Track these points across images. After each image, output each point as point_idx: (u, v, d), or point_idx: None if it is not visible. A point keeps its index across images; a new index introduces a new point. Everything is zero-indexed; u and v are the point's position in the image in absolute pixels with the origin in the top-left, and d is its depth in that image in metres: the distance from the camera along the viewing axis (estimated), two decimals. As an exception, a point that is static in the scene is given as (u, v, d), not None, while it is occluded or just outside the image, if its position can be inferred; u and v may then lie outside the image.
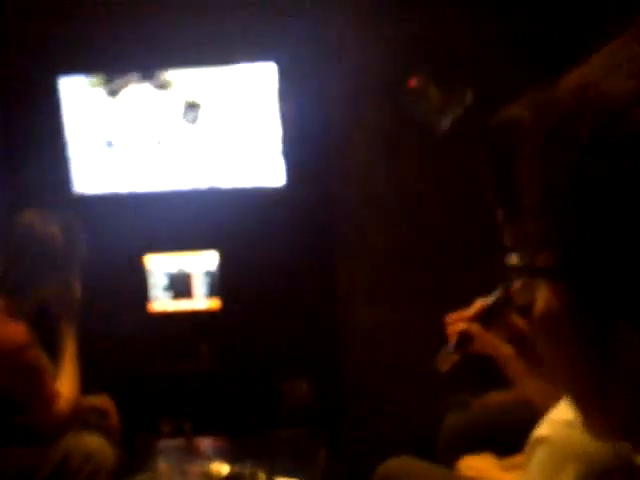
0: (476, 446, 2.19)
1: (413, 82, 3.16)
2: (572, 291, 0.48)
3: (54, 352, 2.62)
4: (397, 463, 2.19)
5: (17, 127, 3.29)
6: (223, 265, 3.30)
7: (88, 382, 2.67)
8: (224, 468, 2.25)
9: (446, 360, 1.69)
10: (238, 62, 3.17)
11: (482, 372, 2.58)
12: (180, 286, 3.32)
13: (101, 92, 3.25)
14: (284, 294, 3.33)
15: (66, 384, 2.57)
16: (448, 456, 2.37)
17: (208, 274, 3.31)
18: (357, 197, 3.32)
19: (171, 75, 3.21)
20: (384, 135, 3.26)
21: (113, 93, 3.24)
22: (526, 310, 0.55)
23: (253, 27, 3.13)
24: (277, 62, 3.13)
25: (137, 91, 3.24)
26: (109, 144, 3.30)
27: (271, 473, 2.23)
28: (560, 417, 0.82)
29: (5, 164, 3.35)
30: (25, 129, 3.29)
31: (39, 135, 3.28)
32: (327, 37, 3.18)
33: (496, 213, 1.66)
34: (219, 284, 3.31)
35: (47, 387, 2.49)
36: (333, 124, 3.26)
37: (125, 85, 3.23)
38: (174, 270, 3.32)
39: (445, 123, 3.19)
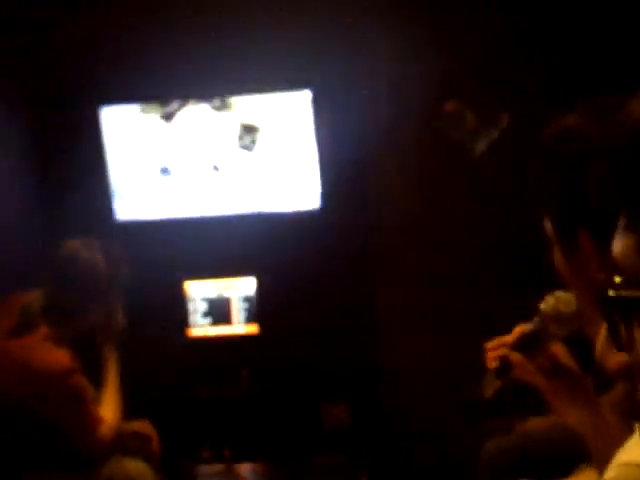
0: (518, 473, 2.16)
1: (449, 106, 3.17)
2: None
3: (97, 378, 2.65)
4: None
5: (61, 157, 3.36)
6: (261, 290, 3.32)
7: (129, 408, 2.70)
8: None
9: (489, 386, 1.69)
10: (275, 90, 3.21)
11: (524, 397, 2.57)
12: (219, 312, 3.35)
13: (149, 118, 3.31)
14: (322, 318, 3.34)
15: (108, 410, 2.59)
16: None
17: (246, 299, 3.34)
18: (393, 221, 3.33)
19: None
20: (419, 159, 3.28)
21: (168, 117, 3.30)
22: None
23: (289, 56, 3.17)
24: (312, 89, 3.17)
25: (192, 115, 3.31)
26: (161, 170, 3.36)
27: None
28: (626, 460, 0.80)
29: (49, 193, 3.41)
30: (69, 158, 3.35)
31: (82, 164, 3.34)
32: (363, 63, 3.20)
33: (544, 228, 1.62)
34: (257, 309, 3.33)
35: (90, 413, 2.51)
36: (368, 148, 3.28)
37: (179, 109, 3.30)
38: (213, 296, 3.35)
39: (481, 146, 3.19)
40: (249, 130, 3.25)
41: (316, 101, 3.17)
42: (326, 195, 3.26)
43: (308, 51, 3.18)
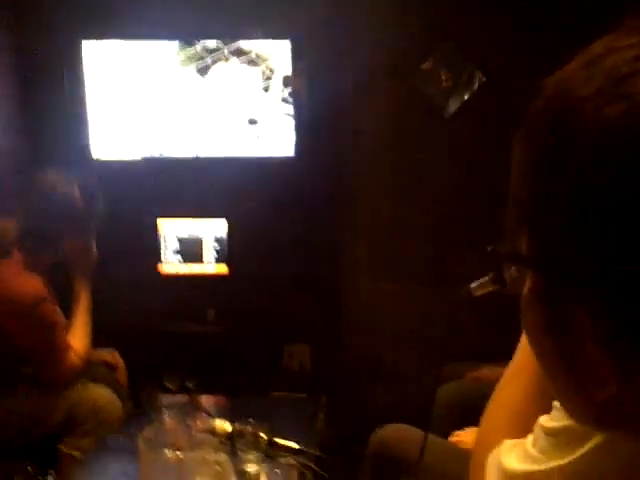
0: (468, 419, 2.25)
1: (426, 64, 3.22)
2: (542, 279, 0.49)
3: (68, 306, 2.71)
4: (392, 430, 2.29)
5: (42, 91, 3.35)
6: (232, 232, 3.39)
7: (99, 337, 2.77)
8: (227, 425, 2.34)
9: (481, 287, 1.71)
10: (254, 38, 3.23)
11: (479, 344, 2.69)
12: (190, 251, 3.41)
13: (121, 56, 3.32)
14: (289, 263, 3.42)
15: (78, 338, 2.66)
16: (442, 427, 2.47)
17: (217, 240, 3.40)
18: (364, 172, 3.39)
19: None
20: (393, 113, 3.33)
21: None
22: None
23: (270, 6, 3.19)
24: (291, 40, 3.19)
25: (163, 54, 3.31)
26: (126, 109, 3.37)
27: (271, 433, 2.31)
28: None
29: (29, 126, 3.41)
30: (50, 92, 3.35)
31: (62, 100, 3.34)
32: (341, 18, 3.23)
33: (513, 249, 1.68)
34: (227, 250, 3.40)
35: (60, 340, 2.58)
36: (343, 100, 3.33)
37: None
38: (185, 235, 3.41)
39: (454, 104, 3.26)
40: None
41: (295, 52, 3.20)
42: (300, 144, 3.30)
43: (290, 2, 3.20)
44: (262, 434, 2.28)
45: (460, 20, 3.20)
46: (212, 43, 3.27)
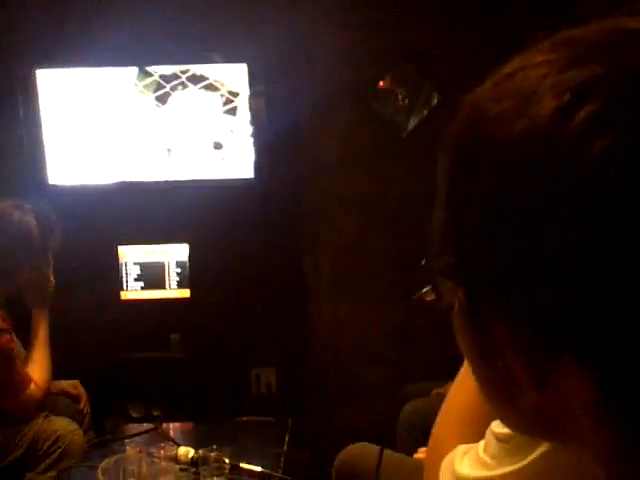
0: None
1: (382, 83, 3.25)
2: (464, 292, 0.50)
3: (27, 338, 2.68)
4: (355, 448, 2.28)
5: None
6: (193, 256, 3.38)
7: (59, 368, 2.74)
8: (190, 452, 2.32)
9: (429, 295, 1.73)
10: (212, 62, 3.25)
11: (441, 362, 2.70)
12: (151, 276, 3.39)
13: (77, 84, 3.31)
14: (253, 286, 3.42)
15: (38, 369, 2.62)
16: (406, 445, 2.46)
17: (179, 265, 3.39)
18: (324, 193, 3.40)
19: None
20: (352, 133, 3.35)
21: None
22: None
23: (227, 30, 3.21)
24: (248, 63, 3.21)
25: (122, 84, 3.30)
26: (84, 136, 3.35)
27: (235, 457, 2.30)
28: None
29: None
30: (3, 122, 3.33)
31: (17, 126, 3.32)
32: (297, 39, 3.26)
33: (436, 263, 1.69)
34: (189, 275, 3.38)
35: (19, 372, 2.54)
36: (303, 121, 3.35)
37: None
38: (146, 260, 3.39)
39: (411, 123, 3.29)
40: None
41: (251, 75, 3.22)
42: (259, 165, 3.31)
43: (246, 26, 3.22)
44: (226, 459, 2.27)
45: (417, 39, 3.24)
46: (169, 70, 3.27)
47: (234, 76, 3.26)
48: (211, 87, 3.28)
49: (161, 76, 3.28)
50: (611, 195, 0.40)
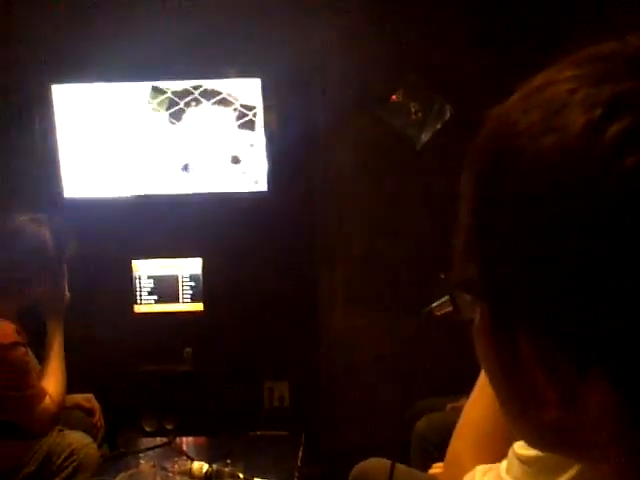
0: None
1: (395, 96, 3.26)
2: (488, 307, 0.50)
3: (42, 351, 2.68)
4: (371, 464, 2.27)
5: (10, 136, 3.35)
6: (206, 270, 3.38)
7: (73, 381, 2.74)
8: (204, 467, 2.32)
9: (442, 308, 1.70)
10: (226, 77, 3.27)
11: (456, 376, 2.69)
12: (165, 290, 3.40)
13: (92, 99, 3.33)
14: (266, 299, 3.41)
15: (52, 383, 2.62)
16: (420, 460, 2.45)
17: (192, 279, 3.39)
18: (338, 206, 3.41)
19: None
20: (365, 146, 3.36)
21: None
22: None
23: (240, 45, 3.23)
24: (262, 78, 3.23)
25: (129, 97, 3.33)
26: (98, 150, 3.37)
27: (249, 472, 2.29)
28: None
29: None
30: (19, 134, 3.35)
31: (32, 140, 3.34)
32: (310, 54, 3.27)
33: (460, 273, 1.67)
34: (202, 289, 3.39)
35: (34, 386, 2.54)
36: (316, 134, 3.35)
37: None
38: (159, 274, 3.40)
39: (424, 136, 3.29)
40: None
41: (265, 89, 3.23)
42: (273, 179, 3.32)
43: (260, 41, 3.24)
44: (240, 474, 2.26)
45: (430, 53, 3.25)
46: (181, 86, 3.29)
47: (248, 91, 3.27)
48: (225, 102, 3.29)
49: (173, 92, 3.29)
50: None
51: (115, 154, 3.36)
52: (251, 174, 3.34)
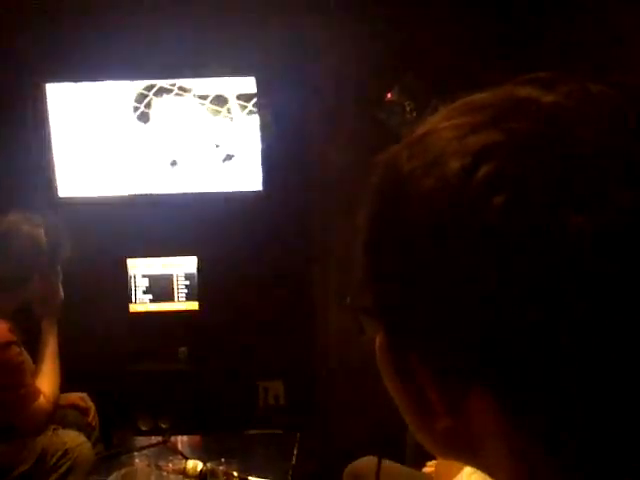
0: None
1: (389, 96, 3.26)
2: (383, 328, 0.55)
3: (36, 351, 2.69)
4: (364, 462, 2.28)
5: (3, 131, 3.35)
6: (202, 269, 3.39)
7: (68, 380, 2.74)
8: (199, 465, 2.32)
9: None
10: (220, 75, 3.27)
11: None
12: (160, 289, 3.40)
13: (86, 98, 3.33)
14: (261, 298, 3.42)
15: (47, 382, 2.63)
16: (415, 458, 2.45)
17: (187, 277, 3.40)
18: (332, 205, 3.41)
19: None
20: (359, 145, 3.36)
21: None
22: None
23: (235, 43, 3.23)
24: (256, 76, 3.23)
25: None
26: (93, 149, 3.37)
27: (244, 471, 2.30)
28: None
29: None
30: (10, 133, 3.35)
31: (26, 139, 3.34)
32: (304, 52, 3.27)
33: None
34: (198, 287, 3.39)
35: (28, 385, 2.54)
36: (310, 133, 3.36)
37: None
38: (155, 273, 3.40)
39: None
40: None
41: (259, 88, 3.24)
42: (267, 177, 3.32)
43: (254, 39, 3.24)
44: (234, 472, 2.27)
45: (424, 52, 3.25)
46: (174, 83, 3.30)
47: (242, 89, 3.27)
48: (219, 100, 3.30)
49: (161, 90, 3.30)
50: (511, 239, 0.45)
51: (109, 153, 3.37)
52: (246, 173, 3.34)
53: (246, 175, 3.34)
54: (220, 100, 3.30)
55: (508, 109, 0.50)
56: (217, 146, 3.34)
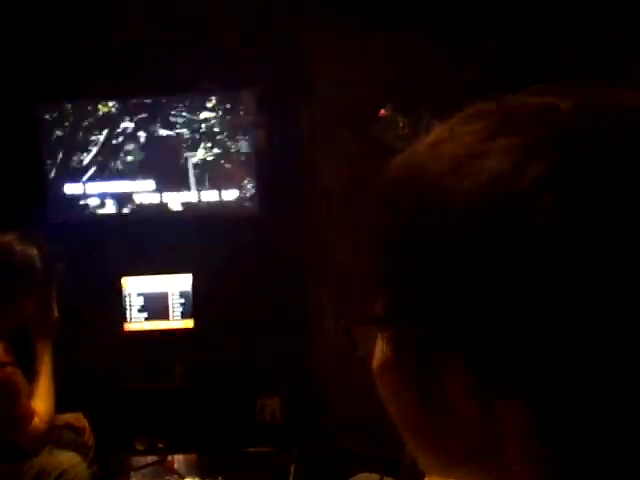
0: None
1: (383, 111, 3.27)
2: (398, 339, 0.51)
3: (31, 371, 2.67)
4: (361, 479, 2.26)
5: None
6: (196, 286, 3.38)
7: (63, 400, 2.72)
8: (196, 484, 2.30)
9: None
10: (214, 91, 3.28)
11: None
12: (155, 307, 3.39)
13: (77, 116, 3.33)
14: (257, 315, 3.41)
15: (42, 402, 2.60)
16: (413, 474, 2.44)
17: (182, 295, 3.39)
18: (326, 222, 3.41)
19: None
20: (354, 162, 3.36)
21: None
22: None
23: (229, 60, 3.24)
24: (250, 93, 3.24)
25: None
26: (87, 168, 3.37)
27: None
28: None
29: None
30: (4, 154, 3.35)
31: (18, 160, 3.34)
32: (298, 68, 3.29)
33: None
34: (193, 305, 3.38)
35: (23, 406, 2.52)
36: (304, 150, 3.36)
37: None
38: (150, 291, 3.39)
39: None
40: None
41: (253, 104, 3.24)
42: (261, 195, 3.33)
43: (251, 55, 3.26)
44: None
45: (417, 68, 3.27)
46: (165, 100, 3.30)
47: (236, 105, 3.28)
48: (212, 115, 3.30)
49: (153, 105, 3.31)
50: (568, 240, 0.43)
51: (102, 171, 3.36)
52: (241, 190, 3.34)
53: (241, 192, 3.34)
54: (214, 117, 3.30)
55: (526, 114, 0.48)
56: (211, 163, 3.35)
